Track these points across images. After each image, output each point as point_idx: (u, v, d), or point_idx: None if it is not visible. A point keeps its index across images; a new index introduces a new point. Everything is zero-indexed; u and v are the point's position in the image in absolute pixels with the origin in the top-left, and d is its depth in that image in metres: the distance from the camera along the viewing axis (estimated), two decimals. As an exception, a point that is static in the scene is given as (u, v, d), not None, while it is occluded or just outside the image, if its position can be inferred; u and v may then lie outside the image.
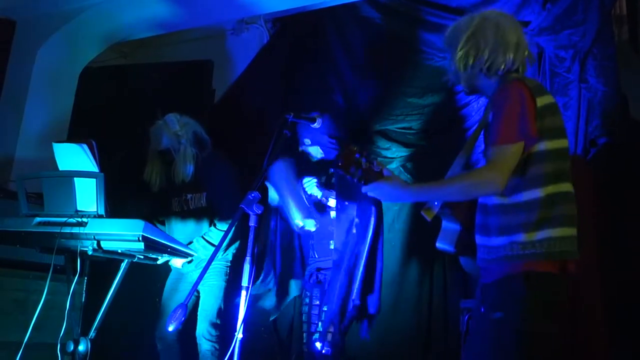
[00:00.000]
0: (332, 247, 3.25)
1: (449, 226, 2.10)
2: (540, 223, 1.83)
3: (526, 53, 2.00)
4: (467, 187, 1.87)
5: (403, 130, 4.14)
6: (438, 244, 2.12)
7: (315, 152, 3.31)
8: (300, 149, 3.34)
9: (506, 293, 1.83)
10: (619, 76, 3.41)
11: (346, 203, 3.17)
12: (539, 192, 1.85)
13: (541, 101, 1.87)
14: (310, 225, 3.07)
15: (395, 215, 4.05)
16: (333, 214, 3.30)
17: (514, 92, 1.87)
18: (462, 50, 1.97)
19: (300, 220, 3.04)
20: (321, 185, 3.28)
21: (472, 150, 2.11)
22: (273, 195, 3.30)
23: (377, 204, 3.18)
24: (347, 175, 1.95)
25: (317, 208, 3.32)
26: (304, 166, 3.39)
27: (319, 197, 3.24)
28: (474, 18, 2.02)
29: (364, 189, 1.97)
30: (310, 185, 3.26)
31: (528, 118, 1.83)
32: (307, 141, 3.20)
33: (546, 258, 1.82)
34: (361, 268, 3.11)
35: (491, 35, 1.95)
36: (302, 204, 3.08)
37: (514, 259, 1.84)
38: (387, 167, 2.00)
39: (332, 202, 3.29)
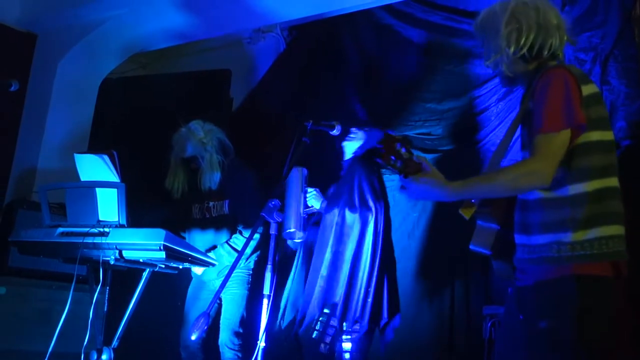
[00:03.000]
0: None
1: (485, 226, 1.92)
2: (589, 220, 1.67)
3: (566, 37, 1.86)
4: (512, 181, 1.70)
5: (422, 136, 4.12)
6: (472, 246, 1.94)
7: (351, 149, 3.26)
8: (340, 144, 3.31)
9: (555, 299, 1.67)
10: (641, 76, 3.37)
11: (334, 207, 3.14)
12: (586, 187, 1.69)
13: (586, 90, 1.73)
14: (299, 235, 3.09)
15: (415, 222, 4.02)
16: None
17: (557, 78, 1.72)
18: (505, 31, 1.83)
19: (292, 228, 3.05)
20: (323, 195, 3.26)
21: (508, 145, 1.95)
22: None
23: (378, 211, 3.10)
24: (388, 165, 1.82)
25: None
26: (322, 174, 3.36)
27: (317, 207, 3.20)
28: (509, 2, 1.87)
29: (402, 182, 1.83)
30: (311, 197, 3.24)
31: (574, 104, 1.68)
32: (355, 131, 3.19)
33: (598, 260, 1.66)
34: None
35: (533, 17, 1.82)
36: (299, 215, 3.08)
37: (561, 260, 1.68)
38: (428, 161, 1.86)
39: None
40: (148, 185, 3.70)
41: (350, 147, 3.25)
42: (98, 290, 2.60)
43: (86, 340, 2.54)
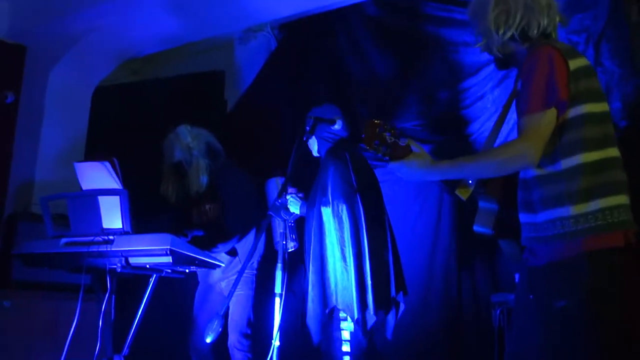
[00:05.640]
0: None
1: (486, 206, 1.96)
2: (588, 192, 1.68)
3: (557, 17, 1.88)
4: (500, 162, 1.73)
5: (418, 127, 4.11)
6: (475, 227, 1.98)
7: (312, 145, 3.19)
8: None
9: (568, 278, 1.67)
10: (634, 56, 3.37)
11: (311, 208, 2.99)
12: (579, 159, 1.70)
13: (574, 64, 1.74)
14: (291, 245, 3.04)
15: (417, 213, 4.01)
16: None
17: (542, 56, 1.74)
18: (492, 16, 1.85)
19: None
20: (300, 198, 3.16)
21: (501, 128, 2.00)
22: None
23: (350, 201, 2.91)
24: (371, 149, 1.81)
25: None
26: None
27: (297, 213, 3.09)
28: None
29: (389, 167, 1.83)
30: (290, 203, 3.11)
31: (558, 81, 1.70)
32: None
33: (606, 230, 1.66)
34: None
35: None
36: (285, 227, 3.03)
37: (567, 236, 1.68)
38: (415, 143, 1.85)
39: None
40: (147, 191, 3.68)
41: (313, 144, 3.14)
42: (106, 298, 2.58)
43: (97, 350, 2.53)
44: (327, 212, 2.86)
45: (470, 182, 1.93)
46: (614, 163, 1.74)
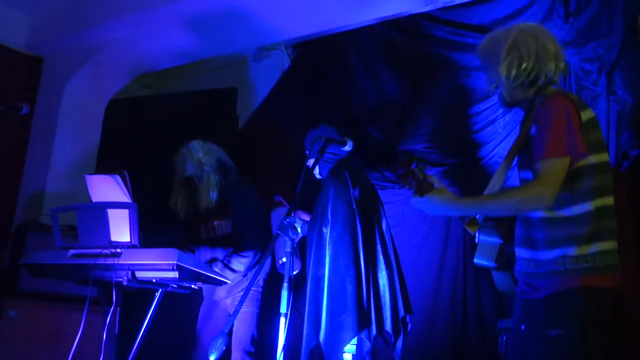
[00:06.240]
0: None
1: (488, 240, 2.05)
2: (591, 236, 1.81)
3: (562, 65, 1.98)
4: (516, 203, 1.85)
5: (429, 150, 4.12)
6: (476, 260, 2.07)
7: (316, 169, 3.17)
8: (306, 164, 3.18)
9: (563, 309, 1.80)
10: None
11: (312, 230, 3.00)
12: (589, 206, 1.83)
13: (585, 115, 1.86)
14: (296, 267, 3.02)
15: (425, 235, 4.00)
16: None
17: (558, 105, 1.85)
18: (505, 61, 1.94)
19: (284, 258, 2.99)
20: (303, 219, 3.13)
21: (510, 165, 2.06)
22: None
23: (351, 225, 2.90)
24: (405, 185, 1.96)
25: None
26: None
27: (300, 233, 3.03)
28: (511, 29, 1.99)
29: (415, 201, 1.94)
30: (297, 222, 3.10)
31: (575, 132, 1.82)
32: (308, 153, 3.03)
33: (601, 272, 1.81)
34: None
35: (533, 46, 1.93)
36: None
37: (567, 273, 1.82)
38: (437, 180, 1.97)
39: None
40: (156, 206, 3.69)
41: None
42: (111, 311, 2.59)
43: (100, 362, 2.53)
44: (326, 234, 2.86)
45: (477, 216, 2.03)
46: (611, 211, 1.88)
